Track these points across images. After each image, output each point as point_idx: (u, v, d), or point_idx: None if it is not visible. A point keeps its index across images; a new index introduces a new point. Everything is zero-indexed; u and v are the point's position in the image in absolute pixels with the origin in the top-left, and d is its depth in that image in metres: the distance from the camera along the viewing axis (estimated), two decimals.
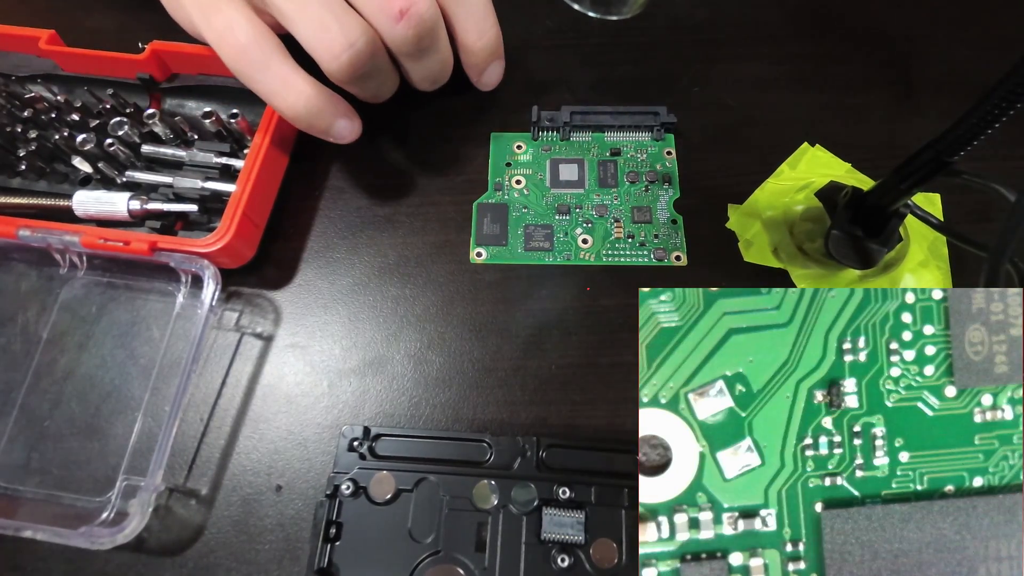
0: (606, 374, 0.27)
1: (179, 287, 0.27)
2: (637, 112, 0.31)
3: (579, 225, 0.29)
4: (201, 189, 0.27)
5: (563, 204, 0.30)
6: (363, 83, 0.26)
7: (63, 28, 0.30)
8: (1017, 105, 0.18)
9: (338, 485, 0.23)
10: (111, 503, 0.24)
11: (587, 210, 0.30)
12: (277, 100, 0.25)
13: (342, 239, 0.29)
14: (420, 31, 0.25)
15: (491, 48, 0.29)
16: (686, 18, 0.35)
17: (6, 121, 0.29)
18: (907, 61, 0.33)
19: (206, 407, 0.26)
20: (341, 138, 0.27)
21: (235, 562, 0.24)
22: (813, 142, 0.31)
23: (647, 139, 0.31)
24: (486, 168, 0.31)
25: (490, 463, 0.24)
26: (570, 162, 0.31)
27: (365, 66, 0.25)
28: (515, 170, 0.31)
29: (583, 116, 0.31)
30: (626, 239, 0.29)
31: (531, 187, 0.30)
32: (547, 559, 0.22)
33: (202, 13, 0.25)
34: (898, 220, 0.25)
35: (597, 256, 0.29)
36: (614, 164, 0.31)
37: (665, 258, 0.29)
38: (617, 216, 0.29)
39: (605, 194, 0.30)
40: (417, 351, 0.27)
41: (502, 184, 0.30)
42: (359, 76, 0.25)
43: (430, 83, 0.29)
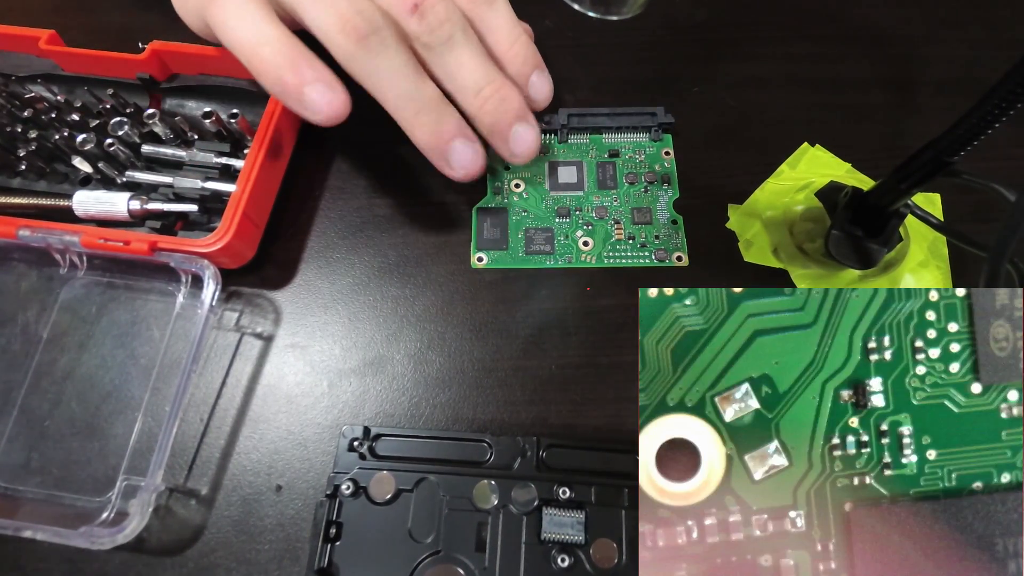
0: (606, 374, 0.27)
1: (179, 287, 0.27)
2: (635, 113, 0.31)
3: (579, 227, 0.29)
4: (201, 189, 0.27)
5: (563, 207, 0.30)
6: (375, 60, 0.24)
7: (63, 28, 0.30)
8: (1017, 105, 0.18)
9: (338, 485, 0.23)
10: (111, 503, 0.24)
11: (587, 212, 0.30)
12: (245, 49, 0.24)
13: (342, 239, 0.29)
14: (433, 23, 0.24)
15: (525, 54, 0.27)
16: (686, 18, 0.35)
17: (6, 121, 0.29)
18: (907, 61, 0.33)
19: (206, 407, 0.26)
20: (316, 109, 0.24)
21: (235, 562, 0.24)
22: (813, 142, 0.31)
23: (645, 140, 0.31)
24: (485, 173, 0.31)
25: (490, 463, 0.24)
26: (569, 164, 0.31)
27: (374, 32, 0.24)
28: (514, 174, 0.31)
29: (580, 118, 0.31)
30: (627, 240, 0.29)
31: (530, 190, 0.30)
32: (547, 559, 0.22)
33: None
34: (898, 220, 0.25)
35: (598, 258, 0.29)
36: (613, 165, 0.31)
37: (666, 259, 0.29)
38: (617, 218, 0.29)
39: (605, 196, 0.30)
40: (417, 351, 0.27)
41: (501, 188, 0.30)
42: (369, 48, 0.24)
43: (473, 90, 0.26)
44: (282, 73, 0.24)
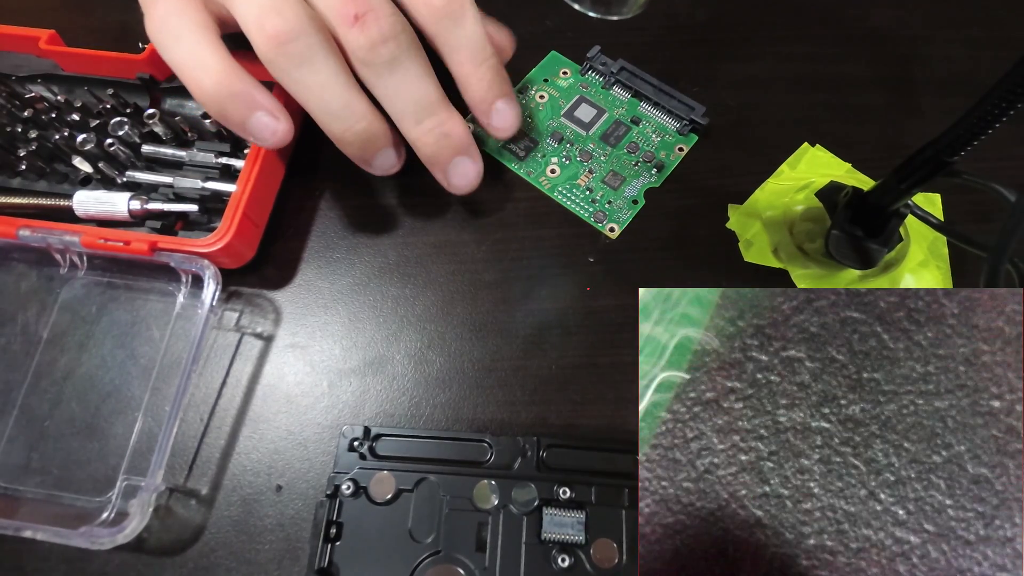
0: (606, 374, 0.27)
1: (179, 287, 0.27)
2: (677, 99, 0.31)
3: (559, 156, 0.31)
4: (201, 189, 0.27)
5: (560, 134, 0.31)
6: (297, 71, 0.22)
7: (63, 28, 0.30)
8: (1017, 105, 0.18)
9: (338, 485, 0.23)
10: (111, 503, 0.24)
11: (574, 150, 0.31)
12: (186, 74, 0.22)
13: (342, 239, 0.29)
14: (376, 38, 0.22)
15: (491, 79, 0.25)
16: (686, 18, 0.35)
17: (6, 121, 0.29)
18: (907, 61, 0.33)
19: (206, 407, 0.26)
20: (262, 139, 0.24)
21: (235, 562, 0.24)
22: (813, 142, 0.31)
23: (673, 127, 0.31)
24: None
25: (490, 463, 0.24)
26: (593, 106, 0.32)
27: (296, 40, 0.22)
28: (547, 87, 0.32)
29: (631, 76, 0.32)
30: (584, 190, 0.30)
31: (548, 107, 0.32)
32: (547, 559, 0.22)
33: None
34: (898, 220, 0.25)
35: (552, 188, 0.30)
36: (627, 129, 0.31)
37: (602, 222, 0.29)
38: (593, 169, 0.30)
39: (600, 147, 0.31)
40: (417, 351, 0.27)
41: (527, 89, 0.32)
42: (290, 55, 0.22)
43: (413, 119, 0.24)
44: (223, 105, 0.23)
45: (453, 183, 0.27)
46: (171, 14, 0.23)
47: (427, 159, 0.26)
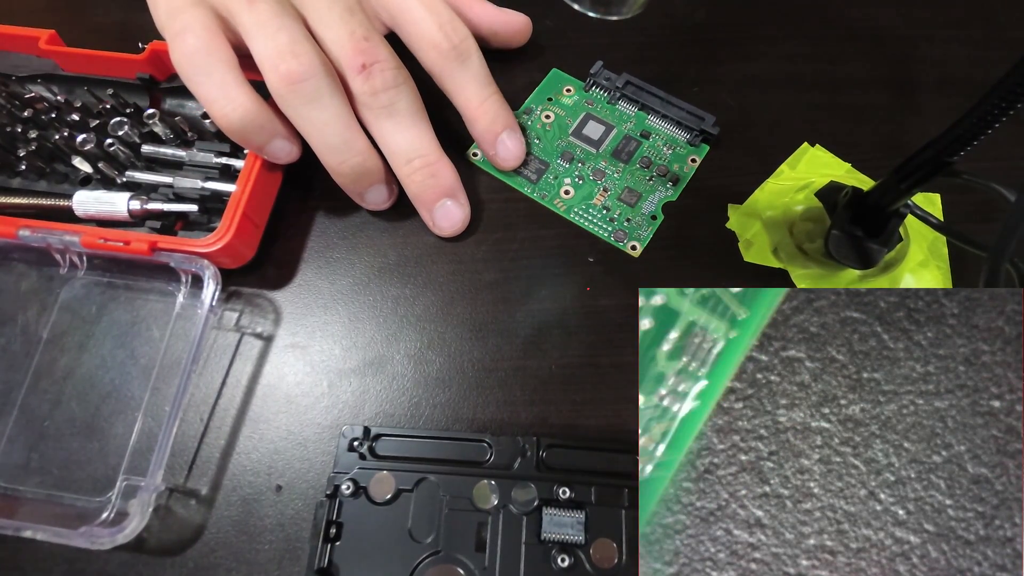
0: (606, 374, 0.27)
1: (179, 287, 0.27)
2: (686, 110, 0.31)
3: (572, 177, 0.30)
4: (201, 189, 0.27)
5: (571, 153, 0.31)
6: (304, 107, 0.25)
7: (63, 28, 0.30)
8: (1017, 105, 0.18)
9: (338, 485, 0.23)
10: (111, 503, 0.24)
11: (587, 169, 0.30)
12: (214, 108, 0.24)
13: (342, 239, 0.29)
14: (378, 87, 0.25)
15: (495, 112, 0.28)
16: (686, 18, 0.35)
17: (6, 121, 0.29)
18: (907, 61, 0.33)
19: (206, 407, 0.26)
20: (276, 158, 0.27)
21: (235, 562, 0.24)
22: (813, 142, 0.31)
23: (683, 139, 0.31)
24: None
25: (490, 463, 0.24)
26: (601, 123, 0.31)
27: (307, 80, 0.24)
28: (552, 106, 0.32)
29: (636, 90, 0.31)
30: (601, 209, 0.30)
31: (555, 126, 0.32)
32: (547, 559, 0.22)
33: (168, 14, 0.25)
34: (898, 220, 0.25)
35: (568, 210, 0.30)
36: (637, 144, 0.31)
37: (622, 241, 0.29)
38: (608, 187, 0.30)
39: (612, 164, 0.30)
40: (417, 351, 0.27)
41: (532, 111, 0.32)
42: (300, 93, 0.24)
43: (404, 158, 0.27)
44: (247, 133, 0.25)
45: (438, 224, 0.28)
46: (199, 52, 0.24)
47: (414, 197, 0.28)
